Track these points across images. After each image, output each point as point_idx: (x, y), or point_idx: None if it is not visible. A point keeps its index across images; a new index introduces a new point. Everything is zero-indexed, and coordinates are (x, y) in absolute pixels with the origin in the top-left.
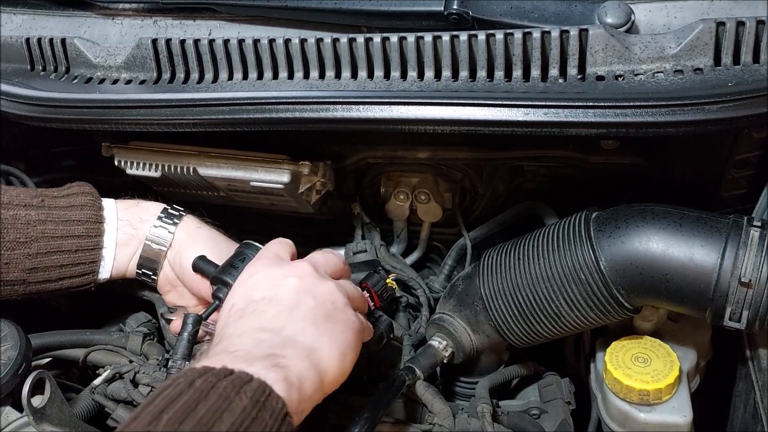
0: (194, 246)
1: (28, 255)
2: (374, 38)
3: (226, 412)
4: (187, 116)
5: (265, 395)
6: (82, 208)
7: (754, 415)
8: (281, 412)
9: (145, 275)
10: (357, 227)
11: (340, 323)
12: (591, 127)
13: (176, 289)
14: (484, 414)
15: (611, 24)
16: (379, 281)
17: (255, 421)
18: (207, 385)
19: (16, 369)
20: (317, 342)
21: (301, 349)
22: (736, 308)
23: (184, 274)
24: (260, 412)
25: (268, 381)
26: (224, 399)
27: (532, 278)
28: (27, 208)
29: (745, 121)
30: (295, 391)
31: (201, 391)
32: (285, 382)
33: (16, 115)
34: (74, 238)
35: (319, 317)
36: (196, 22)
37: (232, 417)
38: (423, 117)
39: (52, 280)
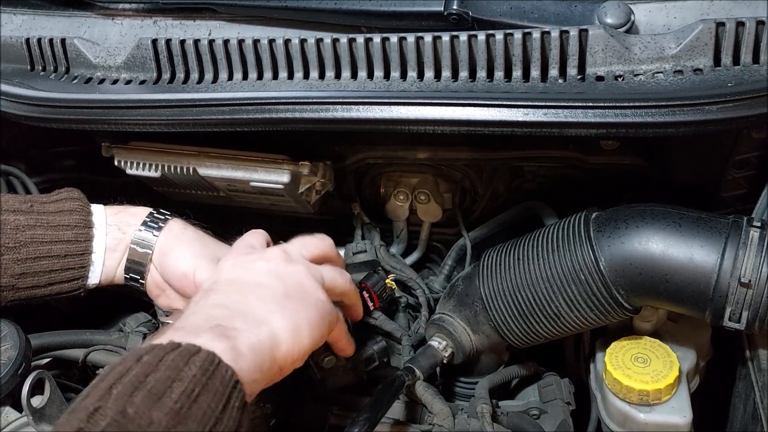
0: (179, 247)
1: (17, 260)
2: (374, 38)
3: (176, 382)
4: (187, 116)
5: (214, 364)
6: (71, 213)
7: (753, 416)
8: (231, 379)
9: (132, 279)
10: (357, 227)
11: (299, 301)
12: (591, 128)
13: (165, 293)
14: (484, 414)
15: (611, 24)
16: (379, 281)
17: (205, 388)
18: (155, 358)
19: (15, 369)
20: (269, 315)
21: (251, 321)
22: (735, 309)
23: (170, 276)
24: (210, 380)
25: (216, 351)
26: (173, 369)
27: (532, 278)
28: (15, 213)
29: (745, 122)
30: (244, 361)
31: (149, 365)
32: (233, 351)
33: (16, 115)
34: (63, 243)
35: (279, 295)
36: (196, 22)
37: (182, 386)
38: (423, 117)
39: (41, 285)
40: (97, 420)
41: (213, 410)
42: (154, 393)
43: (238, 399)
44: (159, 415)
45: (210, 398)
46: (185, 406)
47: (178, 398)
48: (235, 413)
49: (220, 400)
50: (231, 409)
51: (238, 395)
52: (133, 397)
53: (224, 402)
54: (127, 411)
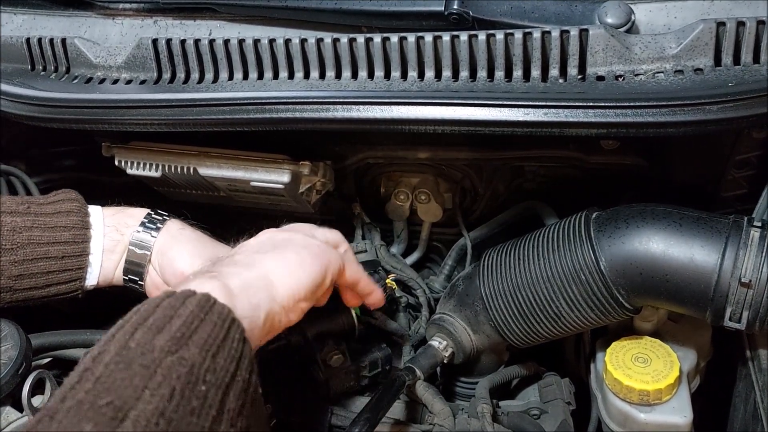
0: (177, 247)
1: (14, 262)
2: (375, 38)
3: (174, 318)
4: (187, 116)
5: (209, 303)
6: (69, 215)
7: (754, 416)
8: (228, 315)
9: (131, 281)
10: (357, 227)
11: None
12: (591, 127)
13: None
14: (484, 414)
15: (611, 24)
16: (379, 281)
17: (203, 322)
18: (151, 305)
19: (16, 369)
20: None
21: (242, 265)
22: (736, 309)
23: (168, 277)
24: (207, 315)
25: (206, 289)
26: (170, 308)
27: (533, 278)
28: (13, 214)
29: (746, 122)
30: (237, 300)
31: (146, 311)
32: (224, 289)
33: (17, 115)
34: (61, 244)
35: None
36: (196, 22)
37: (180, 320)
38: (423, 117)
39: (38, 287)
40: (102, 358)
41: (214, 338)
42: (153, 328)
43: (238, 332)
44: (160, 341)
45: (209, 329)
46: (186, 335)
47: (177, 329)
48: (235, 344)
49: (220, 330)
50: (231, 339)
51: (237, 329)
52: (134, 334)
53: (224, 333)
54: (129, 344)
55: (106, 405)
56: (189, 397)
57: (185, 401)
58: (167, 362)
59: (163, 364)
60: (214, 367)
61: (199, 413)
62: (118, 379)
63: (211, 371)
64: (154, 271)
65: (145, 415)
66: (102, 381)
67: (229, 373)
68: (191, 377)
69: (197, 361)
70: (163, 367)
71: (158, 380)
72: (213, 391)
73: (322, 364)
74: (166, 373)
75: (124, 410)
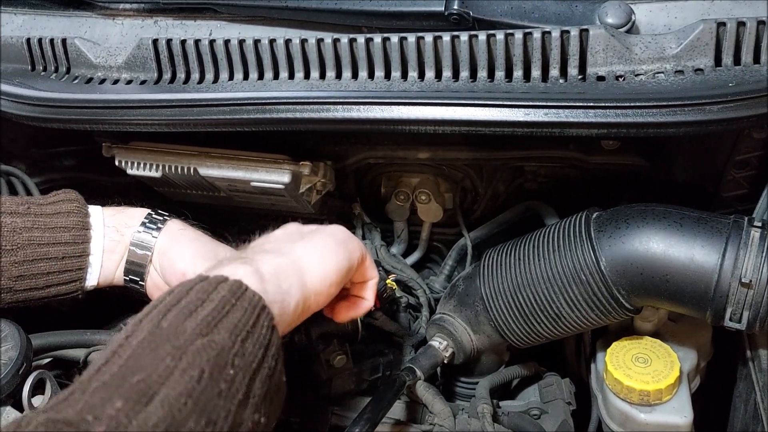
0: (178, 247)
1: (14, 263)
2: (375, 38)
3: (206, 302)
4: (187, 116)
5: (241, 290)
6: (69, 215)
7: (754, 416)
8: (259, 302)
9: (132, 281)
10: (357, 227)
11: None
12: (591, 128)
13: None
14: (485, 414)
15: (612, 24)
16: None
17: (234, 306)
18: (184, 288)
19: (16, 369)
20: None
21: (274, 252)
22: (736, 309)
23: (169, 277)
24: (239, 301)
25: (240, 275)
26: (203, 293)
27: (533, 278)
28: (13, 215)
29: (746, 122)
30: (270, 284)
31: (179, 293)
32: (256, 274)
33: (17, 115)
34: (61, 245)
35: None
36: (196, 22)
37: (212, 305)
38: (423, 117)
39: (38, 287)
40: (136, 335)
41: (244, 324)
42: (185, 310)
43: (267, 320)
44: (191, 324)
45: (240, 315)
46: (216, 319)
47: (209, 313)
48: (264, 331)
49: (250, 317)
50: (260, 326)
51: (267, 317)
52: (166, 315)
53: (254, 319)
54: (161, 325)
55: (136, 383)
56: (217, 379)
57: (213, 383)
58: (197, 345)
59: (193, 346)
60: (242, 352)
61: (226, 396)
62: (149, 358)
63: (239, 356)
64: (155, 272)
65: (173, 394)
66: (133, 359)
67: (257, 359)
68: (220, 360)
69: (227, 345)
70: (192, 349)
71: (188, 361)
72: (240, 375)
73: (326, 363)
74: (196, 355)
75: (154, 389)
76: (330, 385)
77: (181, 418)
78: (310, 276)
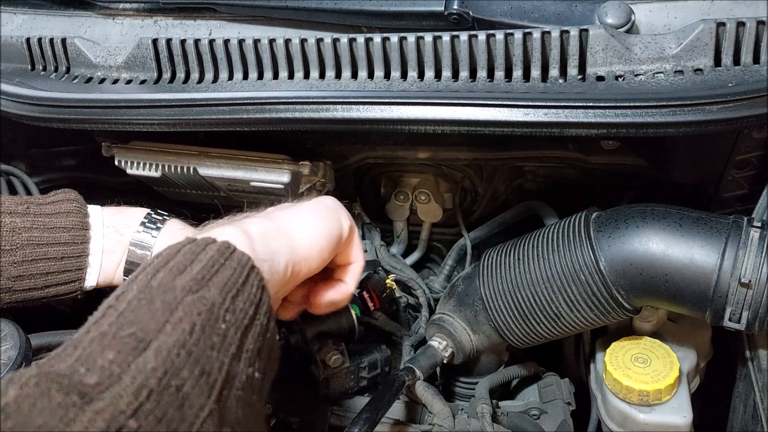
0: None
1: (13, 263)
2: (374, 38)
3: (194, 262)
4: (187, 116)
5: (230, 250)
6: (68, 215)
7: (753, 416)
8: (248, 262)
9: None
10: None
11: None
12: (591, 128)
13: None
14: (484, 414)
15: (611, 24)
16: (379, 281)
17: (223, 267)
18: (172, 250)
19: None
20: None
21: (263, 216)
22: (735, 309)
23: None
24: (227, 260)
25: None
26: (191, 253)
27: (532, 279)
28: (12, 215)
29: (746, 122)
30: (258, 245)
31: (168, 255)
32: (244, 234)
33: (17, 115)
34: (60, 245)
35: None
36: (196, 21)
37: (201, 264)
38: (423, 117)
39: (38, 287)
40: (124, 296)
41: (234, 283)
42: (175, 269)
43: (256, 279)
44: (182, 282)
45: (229, 273)
46: (206, 277)
47: (198, 271)
48: (255, 290)
49: (239, 276)
50: (250, 285)
51: (256, 276)
52: (156, 275)
53: (243, 278)
54: (151, 284)
55: (128, 335)
56: (209, 333)
57: (206, 336)
58: (188, 300)
59: (185, 301)
60: (233, 308)
61: (219, 348)
62: (141, 313)
63: (230, 312)
64: None
65: (166, 345)
66: (125, 315)
67: (248, 315)
68: (211, 315)
69: (217, 301)
70: (184, 304)
71: (179, 315)
72: (232, 330)
73: (321, 364)
74: (188, 309)
75: (146, 341)
76: (328, 384)
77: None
78: (299, 239)
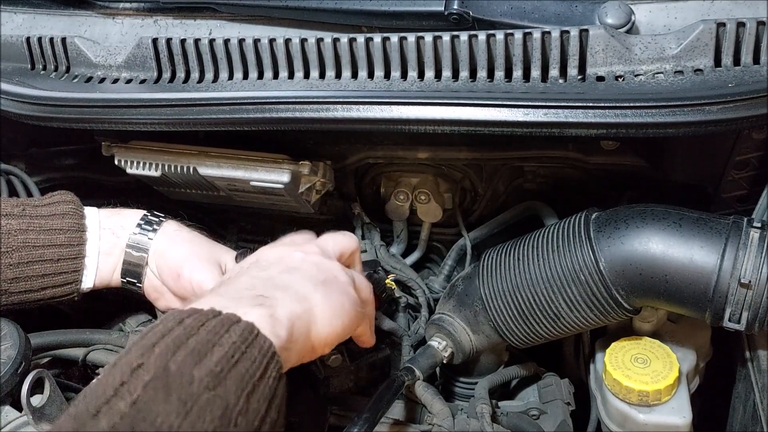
0: (173, 248)
1: (9, 265)
2: (374, 38)
3: (216, 346)
4: (187, 116)
5: (253, 334)
6: (64, 217)
7: (753, 417)
8: (269, 350)
9: (129, 283)
10: (357, 227)
11: (336, 288)
12: (591, 128)
13: (164, 296)
14: (484, 414)
15: (612, 24)
16: (379, 281)
17: (244, 355)
18: (196, 322)
19: (15, 368)
20: (310, 292)
21: (292, 294)
22: (735, 309)
23: (166, 278)
24: (249, 348)
25: (254, 318)
26: (214, 334)
27: (532, 279)
28: (8, 217)
29: (746, 122)
30: (282, 329)
31: (191, 327)
32: (271, 318)
33: (17, 114)
34: (56, 247)
35: (319, 279)
36: (196, 21)
37: (222, 350)
38: (423, 117)
39: (34, 290)
40: (141, 374)
41: (251, 376)
42: (196, 353)
43: (275, 369)
44: (200, 374)
45: (248, 365)
46: (225, 370)
47: (218, 361)
48: (271, 382)
49: (258, 368)
50: (268, 378)
51: (275, 366)
52: (176, 355)
53: (262, 370)
54: (170, 367)
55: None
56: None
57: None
58: (203, 400)
59: (200, 401)
60: (247, 408)
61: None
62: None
63: (243, 414)
64: (152, 273)
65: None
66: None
67: (259, 415)
68: (224, 420)
69: (231, 402)
70: (199, 405)
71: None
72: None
73: (321, 364)
74: (202, 413)
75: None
76: (328, 384)
77: None
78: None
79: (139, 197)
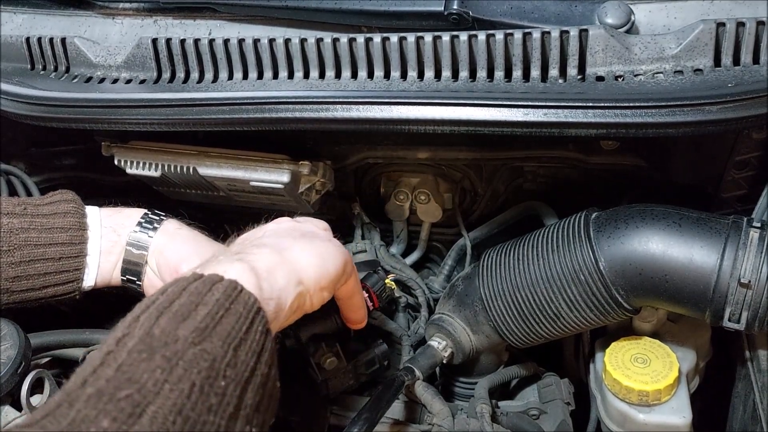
0: (173, 246)
1: (11, 264)
2: (374, 38)
3: (200, 306)
4: (187, 116)
5: (236, 291)
6: (65, 216)
7: (753, 416)
8: (254, 305)
9: (129, 281)
10: (357, 227)
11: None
12: (591, 128)
13: None
14: (483, 414)
15: (611, 24)
16: (379, 281)
17: (228, 311)
18: (178, 288)
19: (15, 368)
20: (290, 244)
21: (271, 248)
22: (735, 309)
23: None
24: (233, 304)
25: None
26: (197, 295)
27: (532, 279)
28: (9, 216)
29: (745, 122)
30: (265, 282)
31: (173, 293)
32: (251, 272)
33: (17, 114)
34: (58, 245)
35: (297, 234)
36: (196, 21)
37: (206, 309)
38: (423, 117)
39: (35, 288)
40: (125, 342)
41: (237, 331)
42: (179, 315)
43: (261, 324)
44: (184, 332)
45: (233, 320)
46: (210, 326)
47: (202, 319)
48: (258, 336)
49: (244, 322)
50: (254, 332)
51: (261, 320)
52: (158, 320)
53: (247, 325)
54: (153, 331)
55: (125, 398)
56: (208, 393)
57: (204, 397)
58: (189, 354)
59: (186, 356)
60: (235, 361)
61: (216, 411)
62: (140, 369)
63: (231, 366)
64: (152, 271)
65: (162, 411)
66: (123, 370)
67: (249, 367)
68: (212, 372)
69: (219, 355)
70: (185, 359)
71: (179, 374)
72: (232, 387)
73: (317, 367)
74: (188, 366)
75: (143, 405)
76: (327, 385)
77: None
78: (307, 275)
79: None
